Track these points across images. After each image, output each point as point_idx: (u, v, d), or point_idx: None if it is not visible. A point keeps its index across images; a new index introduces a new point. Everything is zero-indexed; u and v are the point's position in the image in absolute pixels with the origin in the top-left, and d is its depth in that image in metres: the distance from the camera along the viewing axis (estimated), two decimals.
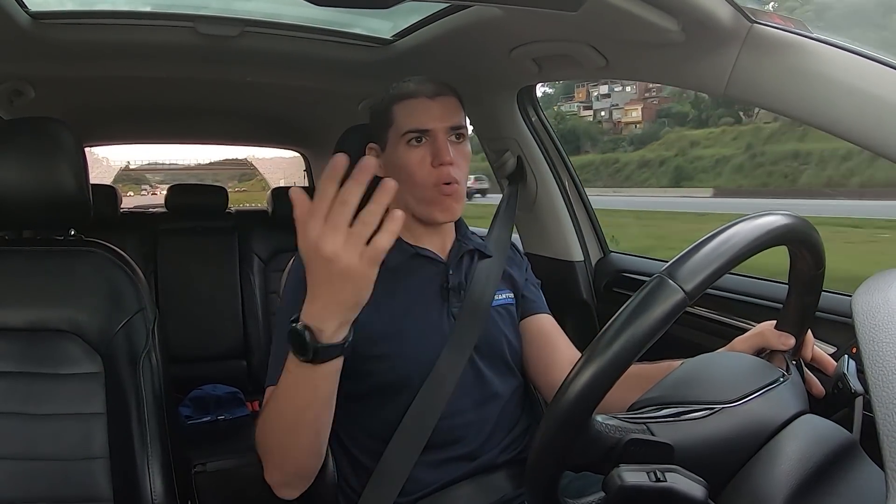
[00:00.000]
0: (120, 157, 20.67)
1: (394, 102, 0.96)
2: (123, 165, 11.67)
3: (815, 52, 0.82)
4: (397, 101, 0.96)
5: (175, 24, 1.37)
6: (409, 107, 0.95)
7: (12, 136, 1.03)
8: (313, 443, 0.81)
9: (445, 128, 0.94)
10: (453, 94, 0.98)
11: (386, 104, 0.97)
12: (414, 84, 0.97)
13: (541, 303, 1.10)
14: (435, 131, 0.94)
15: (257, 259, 2.33)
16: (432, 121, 0.94)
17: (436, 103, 0.95)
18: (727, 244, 0.55)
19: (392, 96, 0.97)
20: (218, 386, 2.13)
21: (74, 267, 1.05)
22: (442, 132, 0.94)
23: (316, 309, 0.67)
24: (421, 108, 0.94)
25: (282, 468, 0.83)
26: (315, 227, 0.62)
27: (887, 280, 0.54)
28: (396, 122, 0.95)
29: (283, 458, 0.82)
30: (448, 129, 0.95)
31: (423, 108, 0.94)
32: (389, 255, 0.95)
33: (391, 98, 0.97)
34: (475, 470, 0.94)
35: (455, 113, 0.96)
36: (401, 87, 0.97)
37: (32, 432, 0.98)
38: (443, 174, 0.93)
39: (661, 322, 0.52)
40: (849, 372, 0.70)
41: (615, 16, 0.88)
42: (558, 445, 0.55)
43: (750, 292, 1.17)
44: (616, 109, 28.35)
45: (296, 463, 0.82)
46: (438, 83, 0.97)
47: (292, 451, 0.81)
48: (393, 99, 0.97)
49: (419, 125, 0.94)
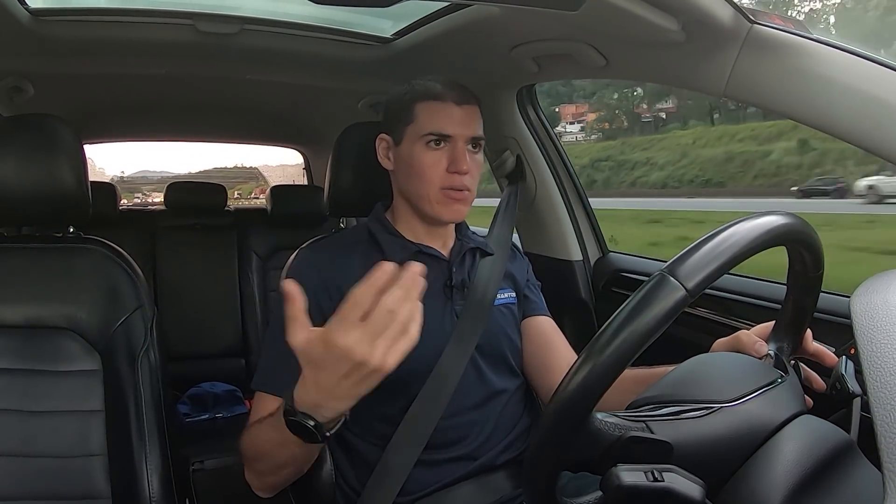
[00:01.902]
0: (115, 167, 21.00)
1: (418, 100, 0.96)
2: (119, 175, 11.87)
3: (815, 52, 0.82)
4: (422, 99, 0.96)
5: (174, 21, 1.37)
6: (434, 109, 0.95)
7: (11, 133, 1.03)
8: (299, 472, 0.85)
9: (467, 136, 0.95)
10: (477, 103, 0.98)
11: (408, 100, 0.97)
12: (441, 86, 0.96)
13: (541, 304, 1.10)
14: (455, 138, 0.94)
15: (256, 257, 2.32)
16: (455, 127, 0.94)
17: (461, 111, 0.95)
18: (728, 242, 0.55)
19: (417, 93, 0.96)
20: (216, 384, 2.13)
21: (73, 264, 1.05)
22: (462, 140, 0.94)
23: (323, 399, 0.65)
24: (446, 112, 0.94)
25: (261, 479, 0.88)
26: (352, 331, 0.60)
27: (886, 281, 0.54)
28: (418, 121, 0.95)
29: (265, 476, 0.87)
30: (469, 139, 0.95)
31: (448, 113, 0.94)
32: (391, 252, 0.96)
33: (415, 95, 0.96)
34: (475, 470, 0.94)
35: (477, 123, 0.97)
36: (427, 86, 0.97)
37: (30, 429, 0.98)
38: (455, 181, 0.94)
39: (662, 319, 0.52)
40: (847, 373, 0.70)
41: (615, 15, 0.88)
42: (557, 442, 0.55)
43: (749, 293, 1.17)
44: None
45: (277, 482, 0.87)
46: (465, 90, 0.97)
47: (274, 477, 0.86)
48: (418, 96, 0.96)
49: (442, 129, 0.94)
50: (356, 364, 0.60)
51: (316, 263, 0.95)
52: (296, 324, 0.63)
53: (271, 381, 0.90)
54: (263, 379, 0.92)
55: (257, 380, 0.93)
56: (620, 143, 18.93)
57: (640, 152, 17.55)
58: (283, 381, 0.88)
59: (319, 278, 0.93)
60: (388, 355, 0.60)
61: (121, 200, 2.49)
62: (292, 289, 0.62)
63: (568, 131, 19.92)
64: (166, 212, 2.47)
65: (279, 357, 0.90)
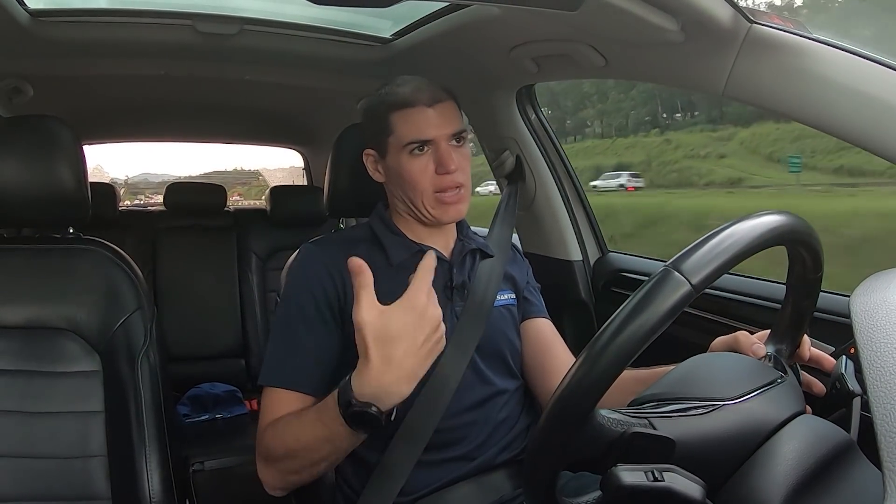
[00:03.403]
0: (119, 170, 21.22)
1: (391, 111, 0.95)
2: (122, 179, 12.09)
3: (814, 52, 0.82)
4: (394, 109, 0.94)
5: (174, 21, 1.37)
6: (408, 116, 0.93)
7: (11, 134, 1.03)
8: (329, 468, 0.85)
9: (447, 135, 0.94)
10: (450, 97, 0.97)
11: (382, 112, 0.96)
12: (409, 90, 0.95)
13: (541, 307, 1.10)
14: (437, 140, 0.93)
15: (255, 257, 2.33)
16: (432, 130, 0.93)
17: (434, 111, 0.93)
18: (731, 239, 0.56)
19: (388, 104, 0.95)
20: (216, 384, 2.13)
21: (73, 265, 1.05)
22: (444, 140, 0.93)
23: (390, 382, 0.69)
24: (420, 117, 0.93)
25: (284, 478, 0.87)
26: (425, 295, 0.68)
27: (885, 281, 0.55)
28: (396, 133, 0.94)
29: (292, 475, 0.86)
30: (449, 136, 0.94)
31: (423, 117, 0.93)
32: (394, 252, 0.96)
33: (387, 106, 0.95)
34: (475, 470, 0.94)
35: (454, 118, 0.96)
36: (396, 93, 0.95)
37: (30, 430, 0.98)
38: (445, 181, 0.94)
39: (667, 314, 0.52)
40: (846, 372, 0.70)
41: (614, 15, 0.88)
42: (560, 438, 0.55)
43: (749, 293, 1.17)
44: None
45: (302, 479, 0.86)
46: (434, 88, 0.95)
47: (303, 474, 0.85)
48: (389, 107, 0.95)
49: (420, 136, 0.93)
50: (434, 327, 0.66)
51: (321, 258, 0.96)
52: (368, 297, 0.66)
53: (285, 375, 0.90)
54: (275, 374, 0.91)
55: (268, 376, 0.91)
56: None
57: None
58: (298, 375, 0.89)
59: (326, 271, 0.93)
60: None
61: (123, 201, 2.50)
62: (359, 263, 0.66)
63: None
64: (166, 213, 2.47)
65: (289, 351, 0.91)
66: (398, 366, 0.67)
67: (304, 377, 0.90)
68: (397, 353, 0.67)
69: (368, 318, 0.66)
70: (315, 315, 0.92)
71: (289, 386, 0.89)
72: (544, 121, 1.57)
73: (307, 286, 0.93)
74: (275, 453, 0.85)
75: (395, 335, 0.67)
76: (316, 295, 0.92)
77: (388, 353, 0.67)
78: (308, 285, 0.93)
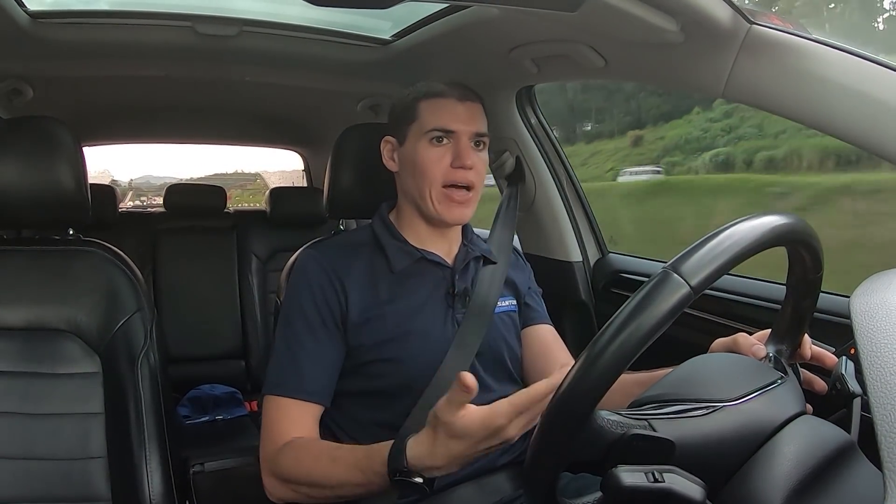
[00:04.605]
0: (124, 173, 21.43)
1: (420, 99, 0.97)
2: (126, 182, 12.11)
3: (814, 53, 0.82)
4: (424, 98, 0.97)
5: (173, 23, 1.37)
6: (437, 106, 0.96)
7: (11, 135, 1.03)
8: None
9: (470, 132, 0.96)
10: (479, 101, 0.99)
11: (411, 100, 0.98)
12: (443, 84, 0.98)
13: (542, 313, 1.10)
14: (459, 134, 0.95)
15: (255, 259, 2.33)
16: (458, 123, 0.95)
17: (463, 107, 0.96)
18: (730, 241, 0.56)
19: (419, 93, 0.98)
20: (216, 386, 2.13)
21: (73, 266, 1.05)
22: (466, 136, 0.95)
23: (447, 464, 0.71)
24: (448, 108, 0.95)
25: (298, 497, 0.86)
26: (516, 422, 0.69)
27: (885, 281, 0.55)
28: (421, 119, 0.96)
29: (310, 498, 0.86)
30: (472, 135, 0.96)
31: (451, 109, 0.95)
32: (396, 258, 0.96)
33: (417, 94, 0.98)
34: (475, 471, 0.93)
35: (480, 120, 0.98)
36: (429, 85, 0.98)
37: (30, 432, 0.98)
38: (458, 176, 0.95)
39: (666, 315, 0.52)
40: (847, 373, 0.70)
41: (614, 16, 0.88)
42: (560, 439, 0.55)
43: (749, 293, 1.17)
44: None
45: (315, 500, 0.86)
46: (468, 89, 0.99)
47: (322, 500, 0.85)
48: (420, 96, 0.97)
49: (444, 125, 0.95)
50: (503, 440, 0.68)
51: (321, 261, 0.96)
52: (462, 401, 0.68)
53: (291, 386, 0.90)
54: (280, 384, 0.91)
55: (274, 385, 0.91)
56: None
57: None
58: (304, 384, 0.90)
59: (326, 275, 0.94)
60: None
61: (129, 202, 2.50)
62: (472, 383, 0.67)
63: None
64: (166, 214, 2.47)
65: (294, 360, 0.91)
66: (456, 456, 0.70)
67: (310, 386, 0.90)
68: (460, 447, 0.69)
69: (450, 418, 0.68)
70: (318, 323, 0.92)
71: (296, 396, 0.89)
72: (544, 122, 1.57)
73: (309, 293, 0.93)
74: (294, 478, 0.85)
75: (464, 436, 0.68)
76: (318, 302, 0.92)
77: (451, 447, 0.69)
78: (310, 292, 0.93)
